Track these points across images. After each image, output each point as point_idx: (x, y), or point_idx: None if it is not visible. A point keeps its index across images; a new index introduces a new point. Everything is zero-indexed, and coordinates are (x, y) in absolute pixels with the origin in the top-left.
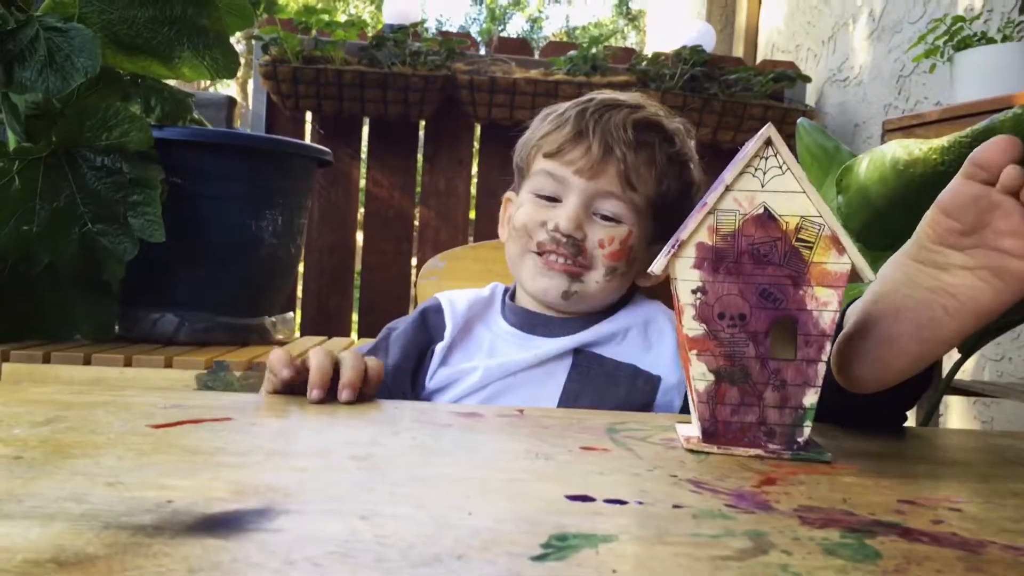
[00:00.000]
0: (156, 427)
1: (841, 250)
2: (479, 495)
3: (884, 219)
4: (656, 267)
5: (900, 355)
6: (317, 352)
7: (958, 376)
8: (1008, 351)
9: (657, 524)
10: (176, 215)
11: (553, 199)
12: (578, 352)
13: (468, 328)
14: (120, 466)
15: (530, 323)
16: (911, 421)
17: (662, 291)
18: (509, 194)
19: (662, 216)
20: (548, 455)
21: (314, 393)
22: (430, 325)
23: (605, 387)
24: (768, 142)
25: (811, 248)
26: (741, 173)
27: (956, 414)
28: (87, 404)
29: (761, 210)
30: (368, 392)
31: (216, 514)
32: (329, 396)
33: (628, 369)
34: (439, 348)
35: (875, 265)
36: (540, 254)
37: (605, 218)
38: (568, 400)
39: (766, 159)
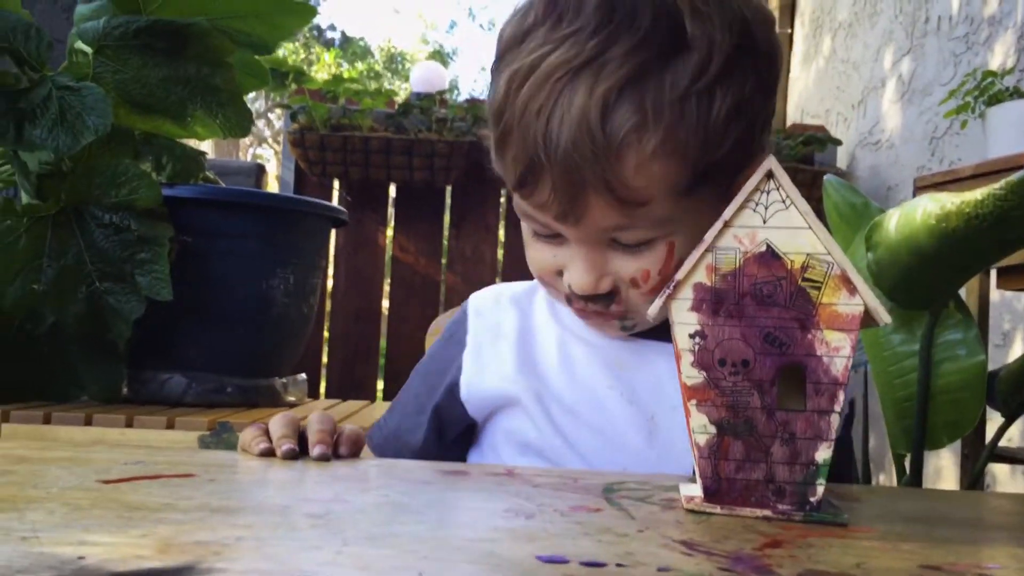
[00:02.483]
0: (106, 482)
1: (852, 290)
2: (436, 556)
3: (917, 276)
4: (652, 312)
5: None
6: (277, 416)
7: (1002, 443)
8: None
9: None
10: (185, 274)
11: (555, 235)
12: None
13: (514, 325)
14: (45, 521)
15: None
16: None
17: None
18: None
19: (713, 170)
20: (530, 514)
21: (284, 446)
22: (456, 339)
23: None
24: (769, 175)
25: (819, 288)
26: (741, 208)
27: (1002, 486)
28: (43, 459)
29: (763, 248)
30: (345, 453)
31: (127, 572)
32: (304, 455)
33: None
34: (467, 355)
35: (911, 326)
36: (570, 302)
37: (628, 247)
38: None
39: (767, 193)
